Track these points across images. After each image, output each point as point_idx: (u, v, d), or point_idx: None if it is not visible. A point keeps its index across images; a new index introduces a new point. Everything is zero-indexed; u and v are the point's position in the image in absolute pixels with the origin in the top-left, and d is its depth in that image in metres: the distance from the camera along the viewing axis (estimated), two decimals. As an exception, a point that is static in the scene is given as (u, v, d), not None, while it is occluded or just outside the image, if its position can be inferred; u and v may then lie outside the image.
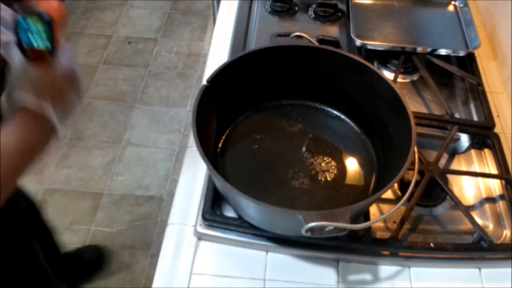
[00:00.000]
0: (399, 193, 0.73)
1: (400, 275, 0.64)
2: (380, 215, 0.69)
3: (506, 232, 0.69)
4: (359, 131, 0.76)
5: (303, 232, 0.51)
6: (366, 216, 0.67)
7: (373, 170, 0.71)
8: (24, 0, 0.57)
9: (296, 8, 1.01)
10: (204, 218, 0.65)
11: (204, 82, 0.65)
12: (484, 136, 0.79)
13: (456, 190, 0.73)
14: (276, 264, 0.64)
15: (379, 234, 0.67)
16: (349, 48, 0.92)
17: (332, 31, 0.97)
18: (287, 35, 0.76)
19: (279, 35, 0.92)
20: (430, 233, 0.68)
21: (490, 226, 0.70)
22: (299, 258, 0.65)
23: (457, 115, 0.84)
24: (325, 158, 0.72)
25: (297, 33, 0.73)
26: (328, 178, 0.70)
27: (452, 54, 0.89)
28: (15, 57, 0.53)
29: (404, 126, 0.62)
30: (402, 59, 0.88)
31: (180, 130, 1.84)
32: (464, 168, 0.77)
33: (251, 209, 0.60)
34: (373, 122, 0.73)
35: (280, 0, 0.99)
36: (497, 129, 0.80)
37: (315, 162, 0.72)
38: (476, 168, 0.77)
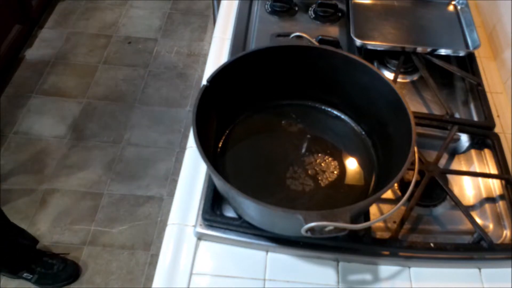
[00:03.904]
0: (399, 193, 0.73)
1: (400, 275, 0.64)
2: (380, 215, 0.69)
3: (506, 232, 0.69)
4: (359, 131, 0.76)
5: (303, 232, 0.51)
6: (366, 216, 0.67)
7: (373, 170, 0.71)
8: None
9: (296, 8, 1.01)
10: (204, 218, 0.65)
11: (204, 82, 0.65)
12: (484, 136, 0.79)
13: (456, 190, 0.73)
14: (276, 264, 0.64)
15: (379, 234, 0.67)
16: (349, 48, 0.92)
17: (332, 31, 0.97)
18: (287, 35, 0.76)
19: (279, 35, 0.92)
20: (430, 233, 0.68)
21: (490, 226, 0.70)
22: (299, 258, 0.65)
23: (457, 115, 0.84)
24: (325, 158, 0.72)
25: (297, 33, 0.73)
26: (328, 178, 0.70)
27: (452, 54, 0.89)
28: None
29: (404, 126, 0.62)
30: (402, 59, 0.88)
31: (180, 130, 1.85)
32: (464, 168, 0.77)
33: (251, 209, 0.60)
34: (373, 122, 0.73)
35: (280, 0, 0.99)
36: (497, 129, 0.80)
37: (315, 162, 0.72)
38: (476, 168, 0.77)
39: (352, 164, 0.72)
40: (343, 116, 0.78)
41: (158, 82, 2.01)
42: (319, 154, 0.73)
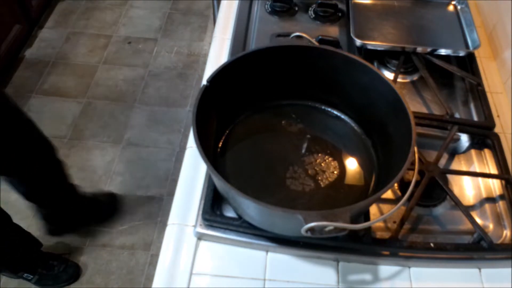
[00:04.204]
0: (399, 193, 0.73)
1: (400, 275, 0.64)
2: (380, 215, 0.69)
3: (506, 232, 0.69)
4: (359, 131, 0.76)
5: (303, 232, 0.51)
6: (366, 216, 0.67)
7: (373, 170, 0.71)
8: None
9: (296, 8, 1.01)
10: (204, 218, 0.65)
11: (204, 82, 0.65)
12: (484, 136, 0.79)
13: (456, 190, 0.73)
14: (276, 264, 0.64)
15: (379, 234, 0.67)
16: (349, 48, 0.92)
17: (332, 31, 0.97)
18: (287, 35, 0.76)
19: (279, 35, 0.92)
20: (430, 233, 0.68)
21: (490, 226, 0.70)
22: (299, 258, 0.65)
23: (457, 115, 0.84)
24: (325, 158, 0.72)
25: (297, 33, 0.73)
26: (328, 178, 0.70)
27: (452, 54, 0.89)
28: None
29: (404, 126, 0.62)
30: (402, 59, 0.88)
31: (180, 130, 1.85)
32: (464, 168, 0.77)
33: (251, 209, 0.60)
34: (373, 122, 0.73)
35: (280, 0, 0.99)
36: (497, 129, 0.80)
37: (315, 162, 0.72)
38: (476, 168, 0.77)
39: (352, 164, 0.72)
40: (343, 116, 0.78)
41: (158, 82, 2.01)
42: (319, 154, 0.73)
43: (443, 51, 0.88)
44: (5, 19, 1.92)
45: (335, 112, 0.78)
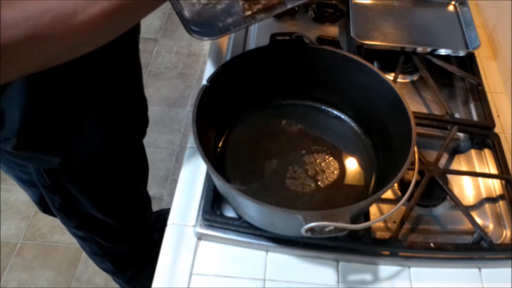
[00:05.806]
0: (399, 193, 0.73)
1: (400, 275, 0.64)
2: (380, 215, 0.69)
3: (506, 232, 0.69)
4: (359, 131, 0.76)
5: (303, 232, 0.51)
6: (366, 216, 0.67)
7: (373, 170, 0.71)
8: None
9: (296, 8, 1.01)
10: (204, 218, 0.65)
11: (204, 82, 0.65)
12: (484, 136, 0.79)
13: (456, 190, 0.73)
14: (276, 264, 0.64)
15: (379, 234, 0.67)
16: (349, 48, 0.92)
17: (332, 31, 0.97)
18: (287, 35, 0.76)
19: (279, 35, 0.92)
20: (430, 233, 0.68)
21: (490, 226, 0.70)
22: (299, 258, 0.65)
23: (457, 115, 0.84)
24: (325, 158, 0.72)
25: (297, 33, 0.73)
26: (328, 178, 0.70)
27: (452, 54, 0.89)
28: None
29: (404, 126, 0.62)
30: (402, 59, 0.88)
31: (180, 130, 1.85)
32: (464, 168, 0.77)
33: (251, 209, 0.60)
34: (373, 122, 0.73)
35: (280, 0, 0.99)
36: (497, 129, 0.80)
37: (315, 162, 0.72)
38: (476, 168, 0.77)
39: (352, 164, 0.72)
40: (343, 116, 0.78)
41: (158, 82, 2.01)
42: (319, 154, 0.73)
43: (443, 51, 0.88)
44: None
45: (335, 112, 0.78)
